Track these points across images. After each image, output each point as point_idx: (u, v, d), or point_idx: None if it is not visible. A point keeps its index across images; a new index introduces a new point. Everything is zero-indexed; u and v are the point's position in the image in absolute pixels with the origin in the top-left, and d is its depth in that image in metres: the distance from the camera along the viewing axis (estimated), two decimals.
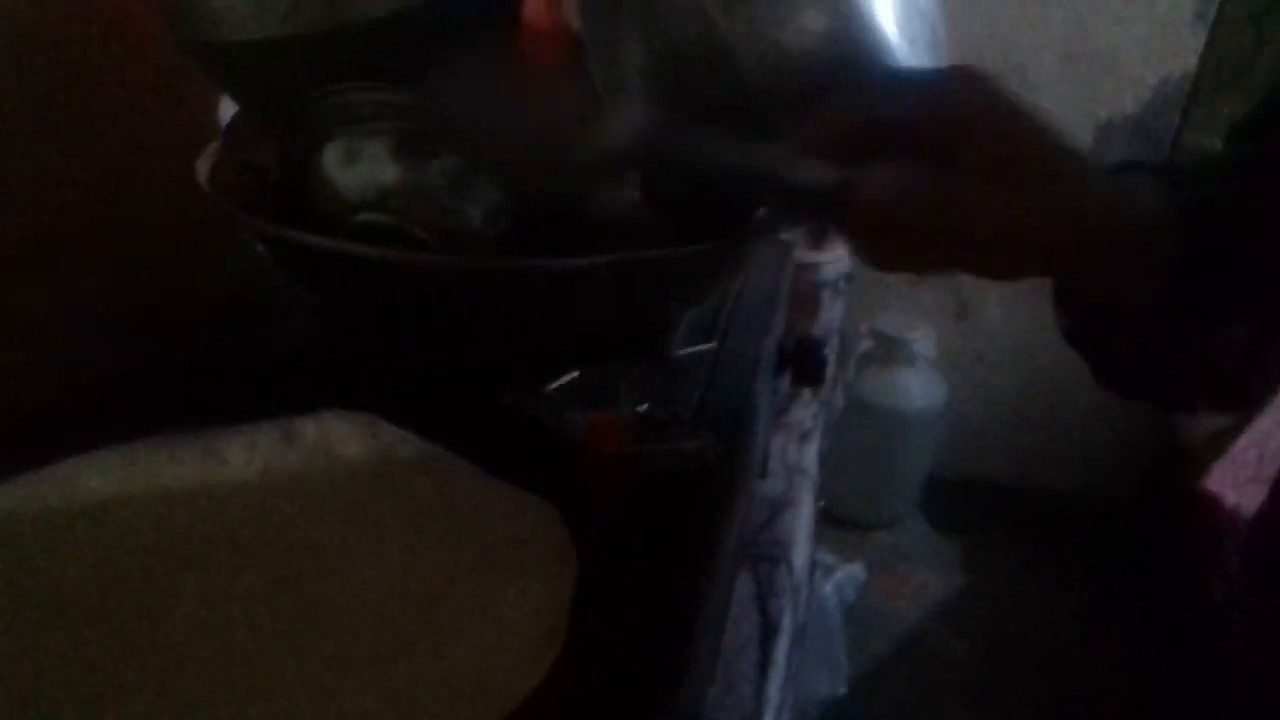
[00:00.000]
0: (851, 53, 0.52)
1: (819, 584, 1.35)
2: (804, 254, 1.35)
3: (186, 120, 0.65)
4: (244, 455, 0.45)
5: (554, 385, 0.59)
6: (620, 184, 0.59)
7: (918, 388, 1.85)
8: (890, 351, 1.85)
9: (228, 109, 0.65)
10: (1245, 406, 0.47)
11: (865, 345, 1.86)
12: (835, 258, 1.51)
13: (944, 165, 0.36)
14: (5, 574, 0.37)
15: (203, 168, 0.57)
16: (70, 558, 0.38)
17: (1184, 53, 1.70)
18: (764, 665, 0.70)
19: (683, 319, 0.69)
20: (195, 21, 0.55)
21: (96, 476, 0.43)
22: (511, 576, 0.39)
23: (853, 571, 1.50)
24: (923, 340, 1.86)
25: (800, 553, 0.90)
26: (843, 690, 1.34)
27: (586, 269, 0.53)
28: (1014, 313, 1.95)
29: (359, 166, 0.53)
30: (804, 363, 0.77)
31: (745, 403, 0.64)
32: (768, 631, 0.73)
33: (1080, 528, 1.93)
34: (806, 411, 1.14)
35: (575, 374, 0.61)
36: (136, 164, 0.62)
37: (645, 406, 0.57)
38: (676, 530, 0.52)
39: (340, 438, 0.46)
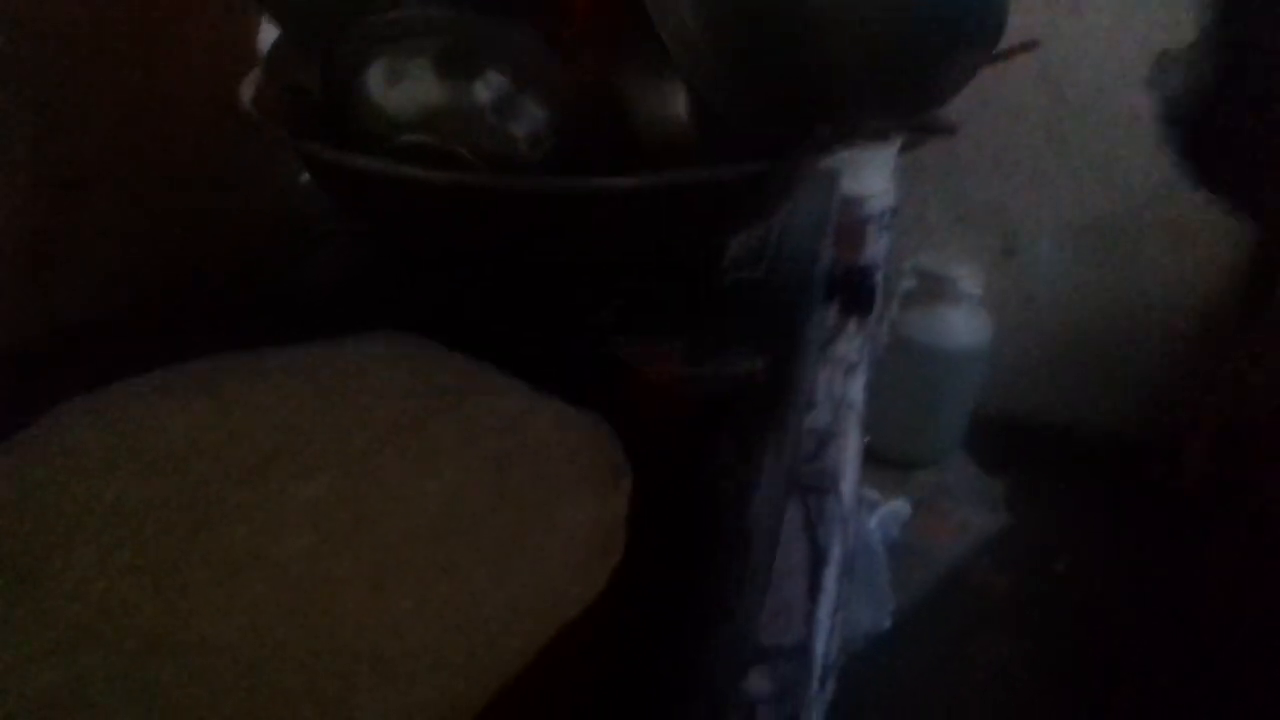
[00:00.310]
0: None
1: (864, 519, 1.34)
2: (849, 187, 1.33)
3: (228, 44, 0.65)
4: (293, 373, 0.45)
5: (602, 309, 0.59)
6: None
7: (962, 326, 1.82)
8: (935, 289, 1.81)
9: (268, 34, 0.65)
10: None
11: (909, 283, 1.83)
12: (880, 191, 1.48)
13: None
14: (73, 490, 0.37)
15: (246, 91, 0.57)
16: (132, 473, 0.39)
17: None
18: (813, 592, 0.70)
19: (730, 246, 0.68)
20: None
21: (153, 396, 0.43)
22: (566, 490, 0.39)
23: (897, 507, 1.49)
24: (968, 278, 1.82)
25: (847, 484, 0.90)
26: (887, 624, 1.35)
27: (634, 189, 0.52)
28: (1063, 252, 1.91)
29: (402, 86, 0.52)
30: (853, 291, 0.75)
31: (795, 328, 0.63)
32: (816, 560, 0.73)
33: (1126, 467, 1.90)
34: (852, 345, 1.13)
35: (622, 299, 0.61)
36: (178, 89, 0.62)
37: (695, 330, 0.56)
38: (727, 455, 0.51)
39: (389, 358, 0.46)
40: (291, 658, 0.30)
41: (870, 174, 1.44)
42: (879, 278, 0.87)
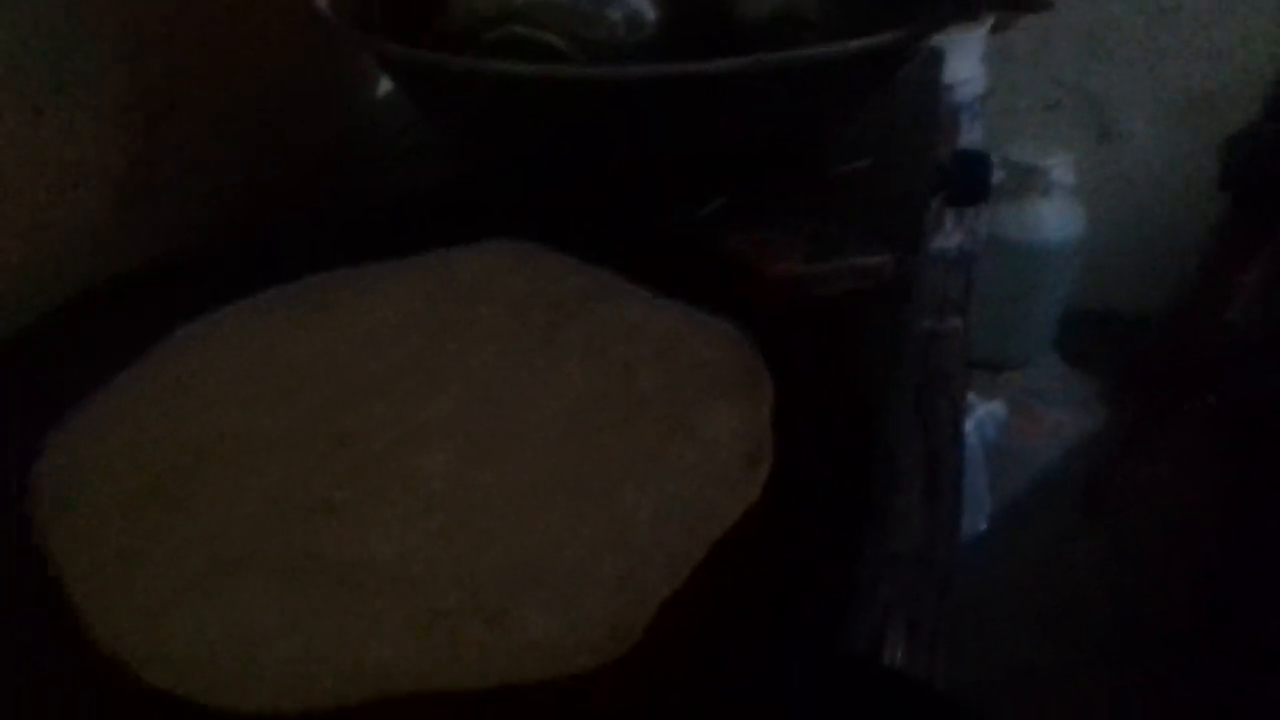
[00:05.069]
0: None
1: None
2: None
3: None
4: (407, 286, 0.43)
5: (708, 209, 0.55)
6: None
7: (1054, 218, 1.73)
8: (1025, 181, 1.72)
9: None
10: None
11: (998, 175, 1.73)
12: (970, 77, 1.39)
13: None
14: (198, 417, 0.36)
15: None
16: (256, 396, 0.37)
17: None
18: (931, 496, 0.68)
19: (835, 136, 0.63)
20: None
21: (265, 317, 0.42)
22: (704, 398, 0.36)
23: (994, 409, 1.45)
24: (1060, 167, 1.71)
25: (956, 384, 0.86)
26: (983, 527, 1.32)
27: (739, 72, 0.48)
28: (1164, 132, 1.78)
29: None
30: (966, 179, 0.70)
31: (913, 220, 0.59)
32: (933, 463, 0.70)
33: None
34: (951, 240, 1.07)
35: (726, 197, 0.57)
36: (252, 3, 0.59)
37: (811, 225, 0.52)
38: (854, 354, 0.48)
39: (504, 267, 0.44)
40: (448, 576, 0.28)
41: (959, 58, 1.35)
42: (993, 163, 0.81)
